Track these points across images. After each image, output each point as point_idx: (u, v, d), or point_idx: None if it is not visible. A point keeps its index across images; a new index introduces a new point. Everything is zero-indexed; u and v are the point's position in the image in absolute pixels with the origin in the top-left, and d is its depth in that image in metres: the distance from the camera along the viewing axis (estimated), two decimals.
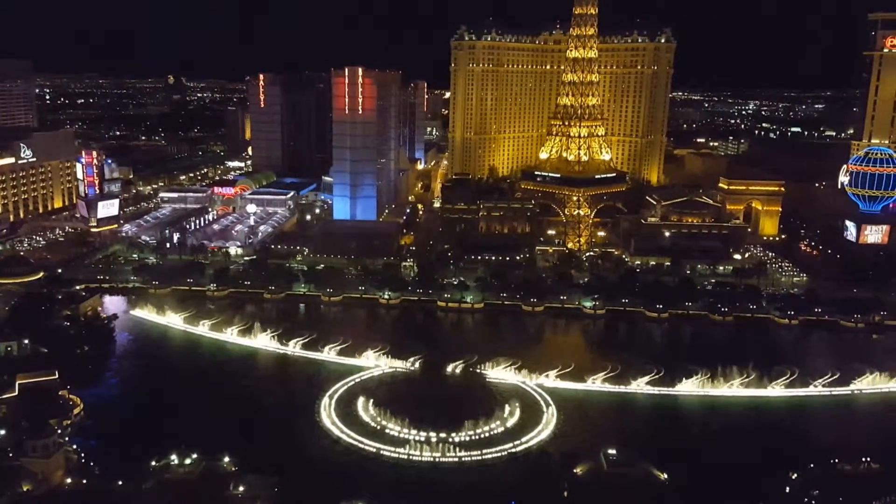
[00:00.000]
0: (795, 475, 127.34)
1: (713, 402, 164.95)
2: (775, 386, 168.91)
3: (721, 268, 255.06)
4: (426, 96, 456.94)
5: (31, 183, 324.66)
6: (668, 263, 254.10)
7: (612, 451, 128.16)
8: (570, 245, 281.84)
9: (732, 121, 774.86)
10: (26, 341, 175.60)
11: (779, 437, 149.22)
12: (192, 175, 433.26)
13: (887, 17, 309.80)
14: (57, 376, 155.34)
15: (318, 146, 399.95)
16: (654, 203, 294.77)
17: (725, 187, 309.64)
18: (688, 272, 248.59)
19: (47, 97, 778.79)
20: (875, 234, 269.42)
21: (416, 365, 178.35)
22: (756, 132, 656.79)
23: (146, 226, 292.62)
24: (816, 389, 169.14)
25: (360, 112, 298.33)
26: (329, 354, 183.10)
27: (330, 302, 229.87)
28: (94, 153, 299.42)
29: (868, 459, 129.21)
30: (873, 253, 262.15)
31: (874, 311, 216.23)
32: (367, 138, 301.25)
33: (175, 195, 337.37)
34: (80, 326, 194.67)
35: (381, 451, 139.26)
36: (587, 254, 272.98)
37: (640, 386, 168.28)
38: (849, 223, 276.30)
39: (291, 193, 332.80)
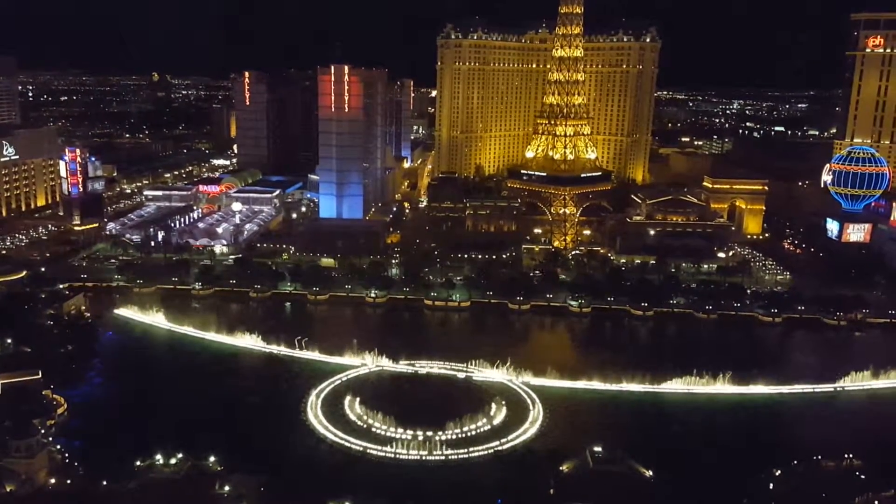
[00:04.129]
0: (779, 472, 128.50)
1: (698, 400, 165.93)
2: (758, 383, 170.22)
3: (705, 266, 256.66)
4: (412, 94, 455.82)
5: (14, 181, 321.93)
6: (653, 262, 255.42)
7: (597, 449, 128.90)
8: (556, 243, 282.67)
9: (717, 120, 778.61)
10: (9, 340, 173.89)
11: (762, 434, 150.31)
12: (176, 173, 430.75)
13: (869, 17, 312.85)
14: (40, 376, 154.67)
15: (304, 144, 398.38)
16: (640, 202, 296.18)
17: (710, 186, 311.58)
18: (673, 270, 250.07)
19: (30, 94, 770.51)
20: (857, 233, 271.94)
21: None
22: (740, 131, 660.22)
23: (130, 224, 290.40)
24: (799, 386, 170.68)
25: (347, 110, 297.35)
26: (315, 353, 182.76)
27: (316, 301, 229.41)
28: (78, 151, 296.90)
29: (850, 456, 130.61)
30: (856, 251, 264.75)
31: (857, 308, 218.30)
32: (354, 136, 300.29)
33: (159, 193, 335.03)
34: (64, 325, 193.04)
35: (368, 450, 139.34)
36: (573, 252, 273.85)
37: (625, 383, 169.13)
38: (831, 222, 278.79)
39: (277, 192, 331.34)
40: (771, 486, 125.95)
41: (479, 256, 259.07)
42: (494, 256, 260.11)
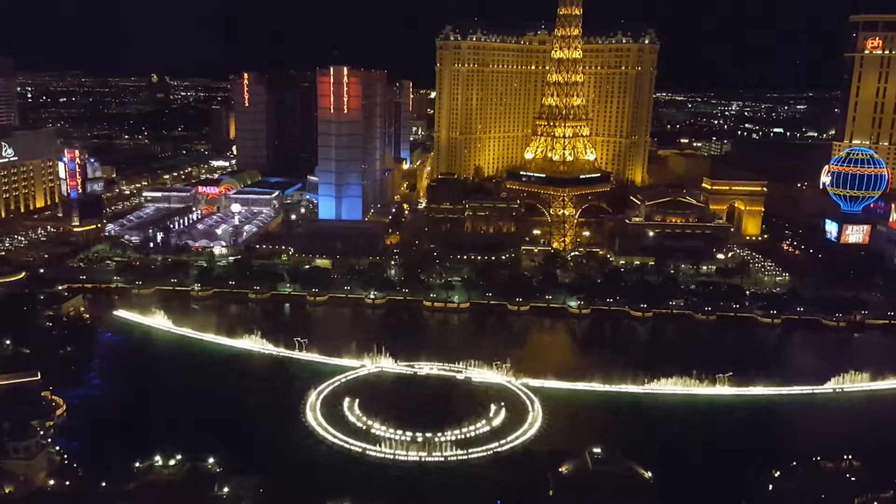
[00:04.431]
0: (778, 473, 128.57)
1: (697, 401, 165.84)
2: (757, 384, 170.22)
3: (704, 267, 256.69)
4: (412, 96, 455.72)
5: (13, 182, 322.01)
6: (652, 263, 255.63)
7: (597, 450, 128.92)
8: (555, 245, 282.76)
9: (715, 121, 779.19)
10: (8, 342, 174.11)
11: (762, 436, 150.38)
12: (175, 174, 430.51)
13: (868, 18, 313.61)
14: (39, 377, 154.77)
15: (303, 145, 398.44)
16: (639, 203, 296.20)
17: (709, 187, 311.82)
18: (672, 272, 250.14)
19: (29, 95, 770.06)
20: (856, 234, 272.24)
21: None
22: (739, 133, 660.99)
23: (129, 225, 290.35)
24: (798, 388, 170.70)
25: (346, 111, 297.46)
26: (315, 354, 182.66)
27: (315, 302, 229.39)
28: (77, 152, 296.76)
29: (850, 457, 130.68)
30: (854, 252, 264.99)
31: (855, 309, 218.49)
32: (353, 138, 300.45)
33: (159, 194, 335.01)
34: (63, 327, 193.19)
35: (367, 451, 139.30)
36: (572, 253, 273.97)
37: (625, 385, 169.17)
38: (830, 223, 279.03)
39: (276, 193, 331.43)
40: (770, 486, 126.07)
41: (479, 258, 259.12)
42: (493, 258, 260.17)
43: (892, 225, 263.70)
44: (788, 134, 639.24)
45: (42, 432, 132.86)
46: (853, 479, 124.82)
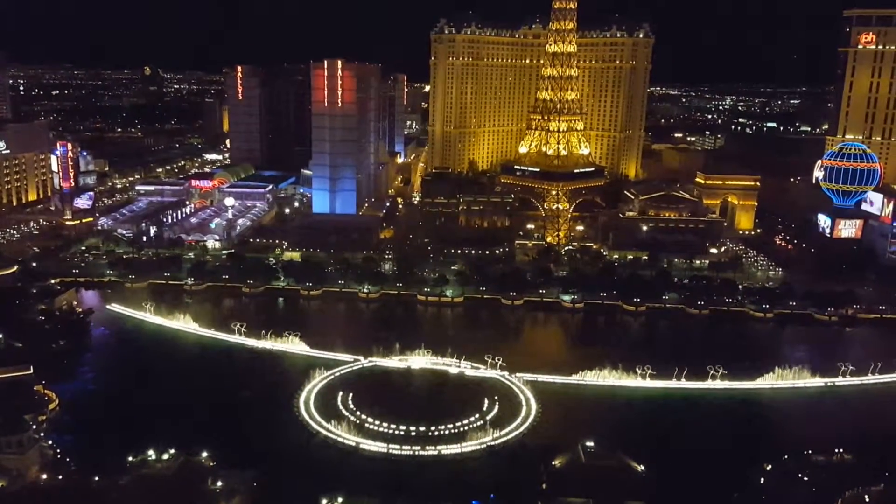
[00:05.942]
0: (770, 466, 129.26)
1: (689, 394, 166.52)
2: (747, 378, 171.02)
3: (697, 262, 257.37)
4: (406, 90, 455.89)
5: (5, 175, 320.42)
6: (646, 257, 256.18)
7: (589, 444, 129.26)
8: (549, 239, 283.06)
9: (709, 116, 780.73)
10: (0, 336, 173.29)
11: (753, 429, 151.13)
12: (168, 168, 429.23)
13: (862, 13, 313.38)
14: (32, 371, 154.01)
15: (297, 139, 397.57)
16: (632, 197, 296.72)
17: (702, 182, 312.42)
18: (665, 266, 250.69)
19: (21, 88, 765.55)
20: (849, 229, 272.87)
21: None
22: (732, 127, 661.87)
23: (122, 219, 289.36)
24: (790, 382, 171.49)
25: (340, 105, 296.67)
26: (309, 348, 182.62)
27: (309, 296, 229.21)
28: (70, 145, 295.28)
29: (841, 451, 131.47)
30: (847, 247, 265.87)
31: (847, 304, 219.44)
32: (347, 131, 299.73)
33: (152, 188, 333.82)
34: (56, 321, 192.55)
35: (361, 445, 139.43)
36: (566, 248, 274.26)
37: (617, 379, 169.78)
38: (823, 217, 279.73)
39: (270, 187, 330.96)
40: (762, 480, 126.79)
41: (473, 252, 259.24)
42: (487, 252, 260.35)
43: (884, 219, 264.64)
44: (782, 128, 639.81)
45: (35, 426, 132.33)
46: (844, 472, 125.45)
